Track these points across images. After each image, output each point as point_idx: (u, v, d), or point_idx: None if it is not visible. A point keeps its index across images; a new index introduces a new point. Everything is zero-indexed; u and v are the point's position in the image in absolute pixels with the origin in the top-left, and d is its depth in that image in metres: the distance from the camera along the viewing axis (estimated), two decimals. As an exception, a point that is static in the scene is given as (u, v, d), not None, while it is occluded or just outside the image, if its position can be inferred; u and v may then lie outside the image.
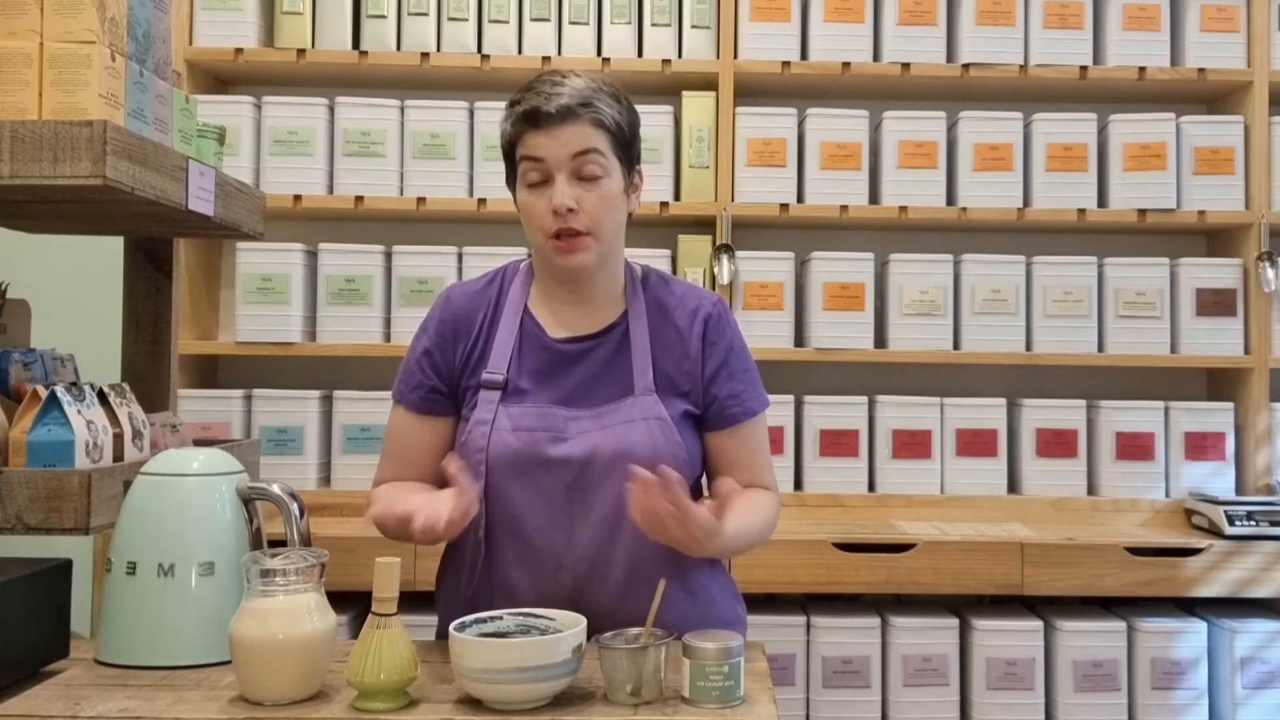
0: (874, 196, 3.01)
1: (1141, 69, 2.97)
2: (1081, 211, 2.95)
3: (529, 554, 1.55)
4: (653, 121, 2.94)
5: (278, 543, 1.49)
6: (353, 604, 2.42)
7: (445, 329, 1.64)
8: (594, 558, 1.54)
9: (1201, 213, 2.95)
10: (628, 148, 1.60)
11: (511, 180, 1.61)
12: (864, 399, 2.94)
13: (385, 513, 1.49)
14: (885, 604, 2.75)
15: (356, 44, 2.98)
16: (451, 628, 1.29)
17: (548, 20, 2.96)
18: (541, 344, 1.61)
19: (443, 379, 1.62)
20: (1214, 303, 2.95)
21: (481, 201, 2.90)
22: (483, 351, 1.62)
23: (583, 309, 1.63)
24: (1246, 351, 2.95)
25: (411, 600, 1.68)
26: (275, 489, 1.48)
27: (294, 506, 1.48)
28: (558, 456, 1.54)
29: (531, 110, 1.53)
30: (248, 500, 1.48)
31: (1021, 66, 2.97)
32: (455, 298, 1.67)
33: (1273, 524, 2.62)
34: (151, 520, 1.41)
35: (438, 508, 1.38)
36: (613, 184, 1.57)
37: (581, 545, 1.54)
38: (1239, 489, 2.92)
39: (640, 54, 2.98)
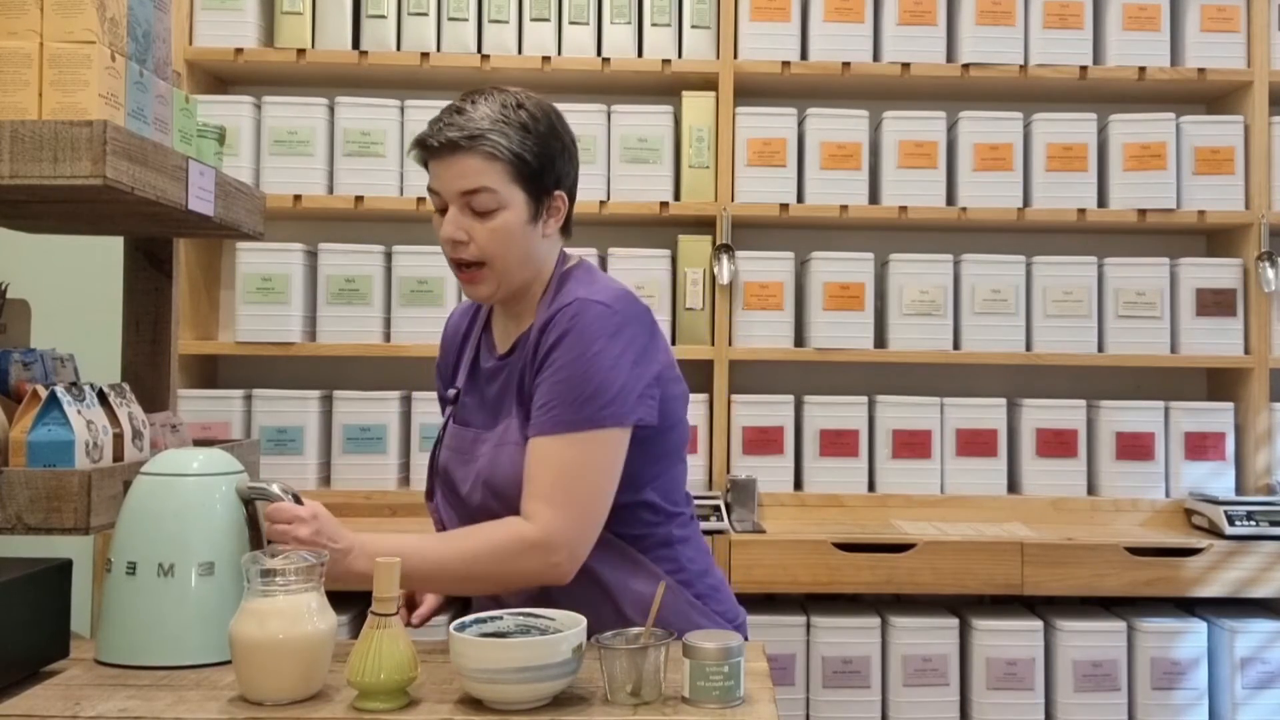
0: (874, 196, 3.01)
1: (1141, 69, 2.97)
2: (1081, 211, 2.95)
3: None
4: (653, 121, 2.95)
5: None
6: (353, 604, 2.41)
7: (442, 346, 1.76)
8: None
9: (1201, 213, 2.96)
10: (536, 177, 1.52)
11: None
12: (864, 399, 2.94)
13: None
14: (885, 604, 2.75)
15: (356, 44, 2.98)
16: (451, 628, 1.29)
17: (548, 20, 2.96)
18: (479, 364, 1.66)
19: (449, 388, 1.71)
20: (1214, 303, 2.95)
21: (481, 201, 2.90)
22: (454, 367, 1.71)
23: (513, 324, 1.63)
24: (1246, 351, 2.95)
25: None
26: (275, 488, 1.48)
27: None
28: (459, 477, 1.60)
29: (420, 140, 1.54)
30: (248, 500, 1.48)
31: (1021, 66, 2.97)
32: (453, 316, 1.77)
33: (1273, 524, 2.63)
34: (151, 520, 1.41)
35: None
36: (510, 215, 1.51)
37: None
38: (1239, 489, 2.92)
39: (640, 54, 2.98)
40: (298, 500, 1.47)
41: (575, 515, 1.46)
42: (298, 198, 2.90)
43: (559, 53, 2.97)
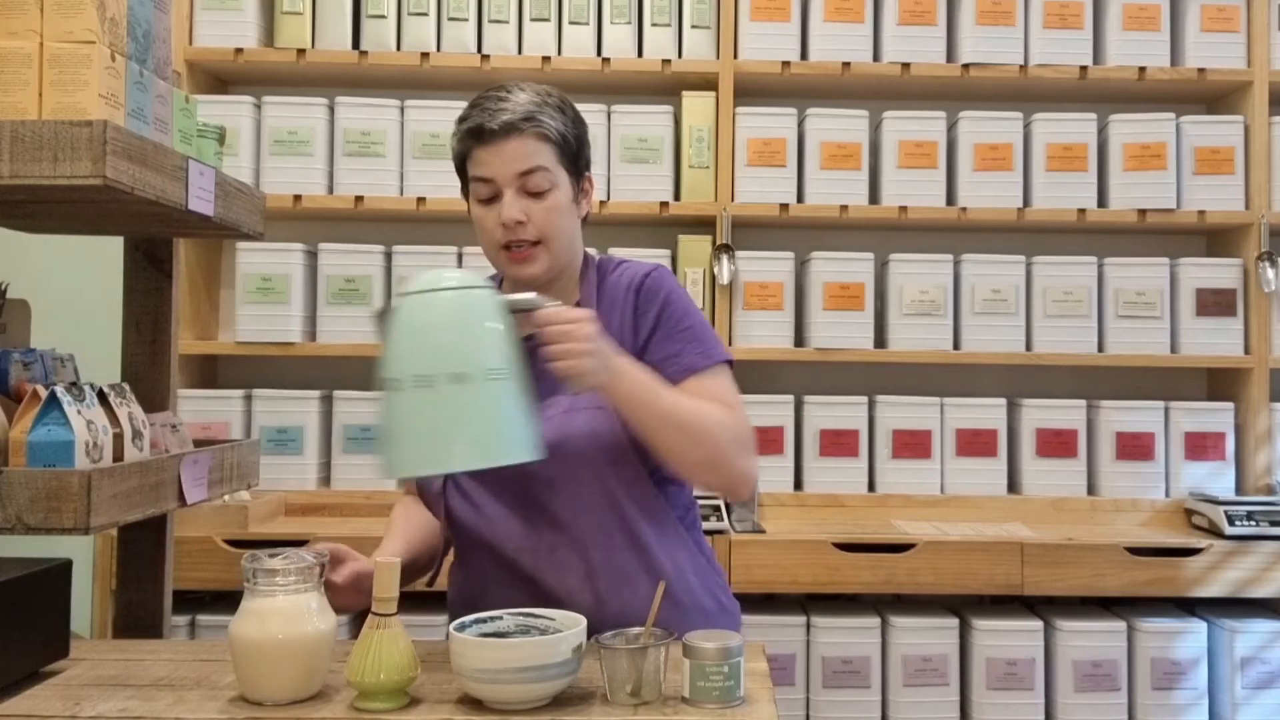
0: (874, 196, 3.01)
1: (1141, 69, 2.97)
2: (1081, 211, 2.95)
3: (487, 542, 1.59)
4: (653, 121, 2.95)
5: (276, 543, 1.49)
6: (353, 604, 2.41)
7: None
8: (551, 545, 1.56)
9: (1201, 213, 2.96)
10: (575, 158, 1.61)
11: (465, 191, 1.65)
12: (864, 399, 2.95)
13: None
14: (885, 604, 2.75)
15: (356, 44, 2.98)
16: (451, 628, 1.30)
17: (548, 20, 2.96)
18: None
19: None
20: (1214, 303, 2.95)
21: (481, 201, 2.90)
22: None
23: None
24: (1246, 351, 2.95)
25: (412, 600, 1.68)
26: (535, 296, 1.43)
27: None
28: None
29: (476, 127, 1.56)
30: (512, 311, 1.43)
31: (1021, 66, 2.98)
32: None
33: (1273, 524, 2.63)
34: (421, 335, 1.37)
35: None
36: (561, 195, 1.59)
37: (536, 533, 1.56)
38: (1239, 489, 2.93)
39: (640, 54, 2.99)
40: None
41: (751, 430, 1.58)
42: (298, 198, 2.90)
43: (559, 53, 2.97)
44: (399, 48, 2.97)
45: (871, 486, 2.94)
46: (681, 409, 1.49)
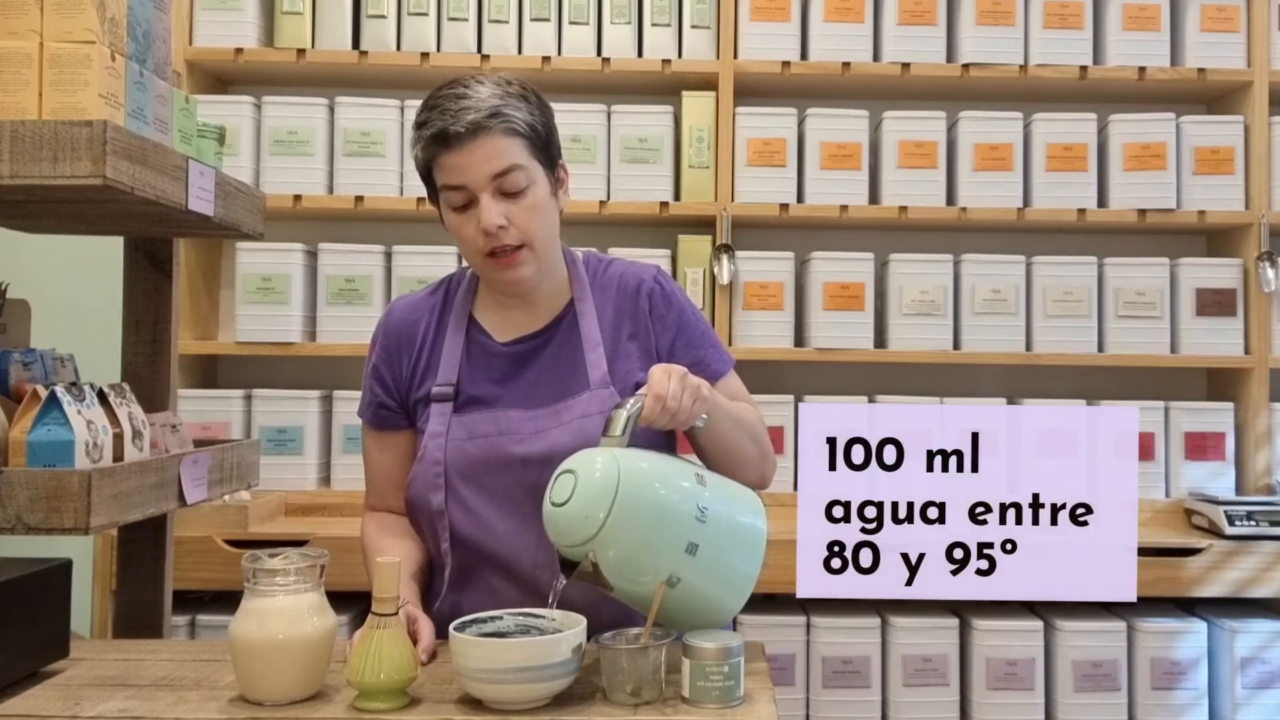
0: (874, 196, 3.01)
1: (1141, 69, 2.97)
2: (1081, 211, 2.95)
3: (500, 559, 1.53)
4: (653, 121, 2.95)
5: (276, 543, 1.49)
6: (353, 604, 2.42)
7: (389, 343, 1.64)
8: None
9: (1201, 213, 2.96)
10: (546, 147, 1.54)
11: (434, 198, 1.58)
12: (864, 399, 2.94)
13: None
14: (885, 604, 2.75)
15: (356, 44, 2.98)
16: (451, 628, 1.29)
17: (548, 20, 2.96)
18: (490, 350, 1.60)
19: (391, 394, 1.63)
20: (1214, 303, 2.95)
21: (481, 201, 2.90)
22: (429, 362, 1.61)
23: (528, 311, 1.62)
24: (1246, 351, 2.95)
25: (411, 600, 1.68)
26: (630, 407, 1.37)
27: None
28: (518, 456, 1.52)
29: (440, 132, 1.47)
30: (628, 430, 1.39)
31: (1021, 66, 2.97)
32: (397, 310, 1.67)
33: (1273, 524, 2.63)
34: (635, 549, 1.33)
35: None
36: (539, 190, 1.52)
37: (552, 547, 1.46)
38: (1239, 489, 2.92)
39: (640, 54, 2.98)
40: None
41: None
42: (298, 198, 2.90)
43: (559, 53, 2.97)
44: (399, 48, 2.97)
45: (871, 486, 2.94)
46: (736, 410, 1.56)
